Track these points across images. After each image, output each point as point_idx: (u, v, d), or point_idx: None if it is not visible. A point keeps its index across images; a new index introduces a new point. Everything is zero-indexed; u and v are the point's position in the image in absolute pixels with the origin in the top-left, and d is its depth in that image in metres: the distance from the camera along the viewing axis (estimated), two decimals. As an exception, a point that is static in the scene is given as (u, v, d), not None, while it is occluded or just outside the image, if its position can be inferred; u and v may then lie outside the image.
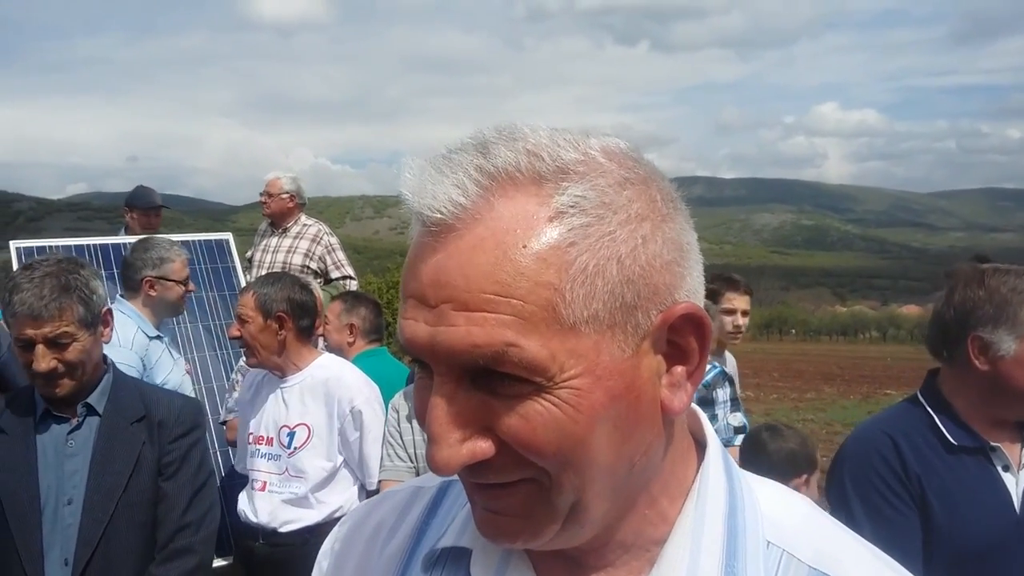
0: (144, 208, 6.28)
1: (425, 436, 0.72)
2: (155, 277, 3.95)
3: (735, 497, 0.81)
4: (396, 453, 3.43)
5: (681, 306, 0.72)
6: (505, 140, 0.71)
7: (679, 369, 0.74)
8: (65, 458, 2.52)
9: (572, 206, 0.68)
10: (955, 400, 2.16)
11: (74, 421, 2.56)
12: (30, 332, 2.41)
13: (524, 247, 0.67)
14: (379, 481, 3.47)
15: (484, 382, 0.69)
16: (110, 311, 2.63)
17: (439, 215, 0.69)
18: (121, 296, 4.05)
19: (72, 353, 2.46)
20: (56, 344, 2.44)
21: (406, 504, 0.95)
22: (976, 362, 2.09)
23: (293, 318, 3.42)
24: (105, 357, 2.70)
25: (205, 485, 2.71)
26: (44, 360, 2.42)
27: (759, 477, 0.87)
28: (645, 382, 0.72)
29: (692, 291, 0.74)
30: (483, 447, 0.70)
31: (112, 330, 2.68)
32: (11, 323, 2.45)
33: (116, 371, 2.71)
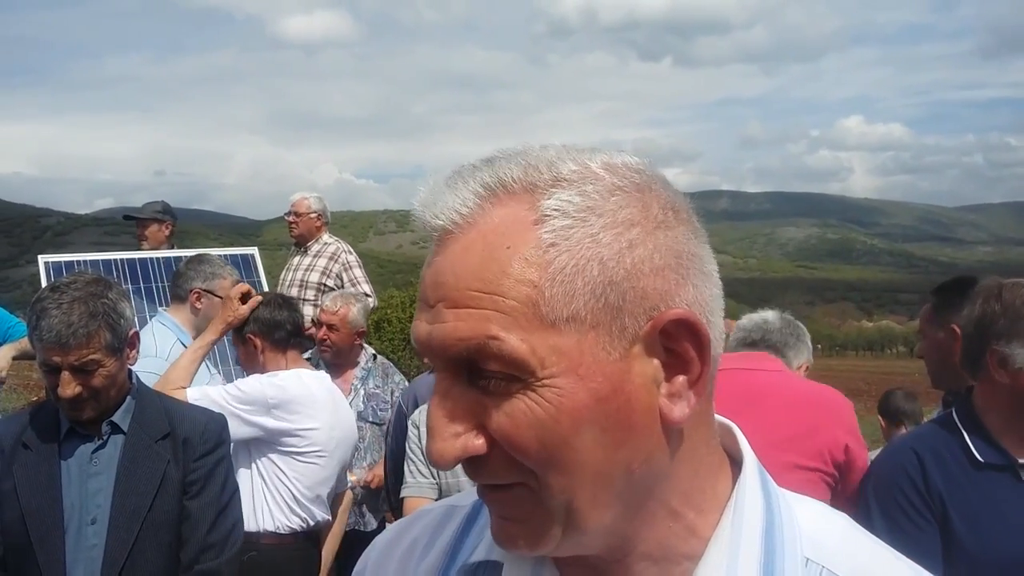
0: (143, 219, 6.30)
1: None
2: (203, 290, 4.02)
3: (772, 513, 0.80)
4: (418, 469, 3.38)
5: (673, 311, 0.72)
6: (512, 156, 0.76)
7: (680, 379, 0.74)
8: (89, 477, 2.50)
9: (556, 209, 0.72)
10: (986, 416, 2.17)
11: (98, 440, 2.54)
12: (56, 359, 2.39)
13: (508, 248, 0.71)
14: (402, 498, 3.44)
15: (478, 381, 0.72)
16: (137, 334, 2.62)
17: (439, 222, 0.74)
18: (163, 310, 4.18)
19: (98, 379, 2.44)
20: (82, 371, 2.41)
21: (440, 522, 0.96)
22: (996, 376, 2.11)
23: (263, 336, 3.62)
24: (131, 374, 2.68)
25: (230, 504, 2.69)
26: (69, 387, 2.40)
27: (796, 494, 0.86)
28: (637, 388, 0.72)
29: (694, 301, 0.75)
30: (476, 443, 0.73)
31: (138, 352, 2.66)
32: (37, 347, 2.43)
33: (142, 387, 2.69)
